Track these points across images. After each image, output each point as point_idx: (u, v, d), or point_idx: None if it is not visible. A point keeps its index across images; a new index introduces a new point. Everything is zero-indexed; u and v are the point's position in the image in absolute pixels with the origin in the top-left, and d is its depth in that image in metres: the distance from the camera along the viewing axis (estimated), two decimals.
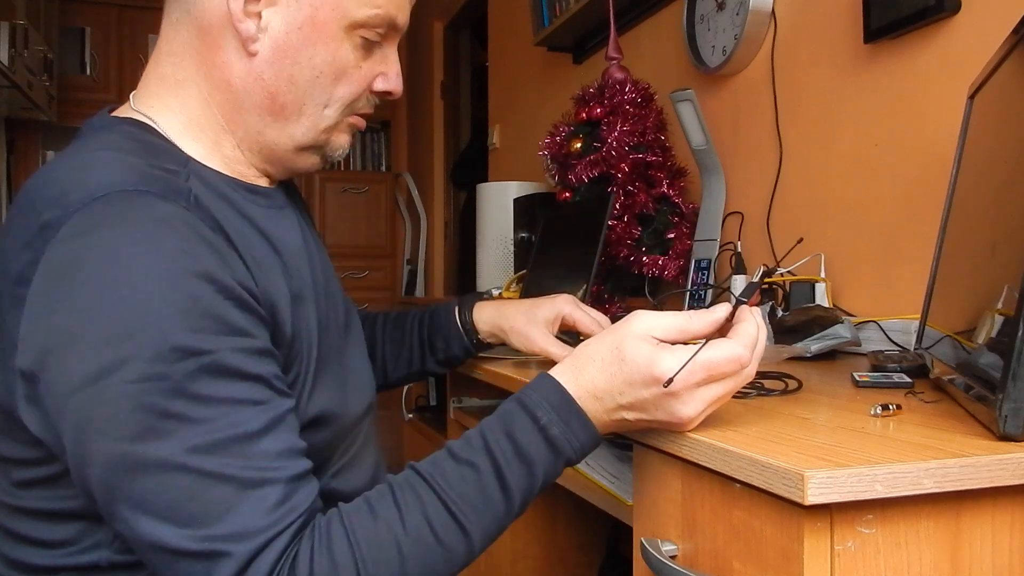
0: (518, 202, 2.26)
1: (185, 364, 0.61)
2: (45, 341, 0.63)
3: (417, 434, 2.49)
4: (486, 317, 1.14)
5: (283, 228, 0.83)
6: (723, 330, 0.68)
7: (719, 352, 0.64)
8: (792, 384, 0.88)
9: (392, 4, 0.81)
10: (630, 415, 0.67)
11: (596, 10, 2.17)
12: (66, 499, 0.69)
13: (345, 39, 0.80)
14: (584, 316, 1.09)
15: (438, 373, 1.23)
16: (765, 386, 0.87)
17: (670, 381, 0.63)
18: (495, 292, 2.04)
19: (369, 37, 0.81)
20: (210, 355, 0.62)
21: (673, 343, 0.67)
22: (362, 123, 0.87)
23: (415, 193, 4.52)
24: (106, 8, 4.16)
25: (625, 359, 0.66)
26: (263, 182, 0.86)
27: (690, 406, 0.65)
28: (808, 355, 1.15)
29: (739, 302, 0.69)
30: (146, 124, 0.79)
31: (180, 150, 0.78)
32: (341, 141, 0.85)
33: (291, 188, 0.96)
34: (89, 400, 0.61)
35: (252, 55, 0.78)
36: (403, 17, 0.83)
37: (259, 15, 0.77)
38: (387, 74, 0.84)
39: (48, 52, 3.45)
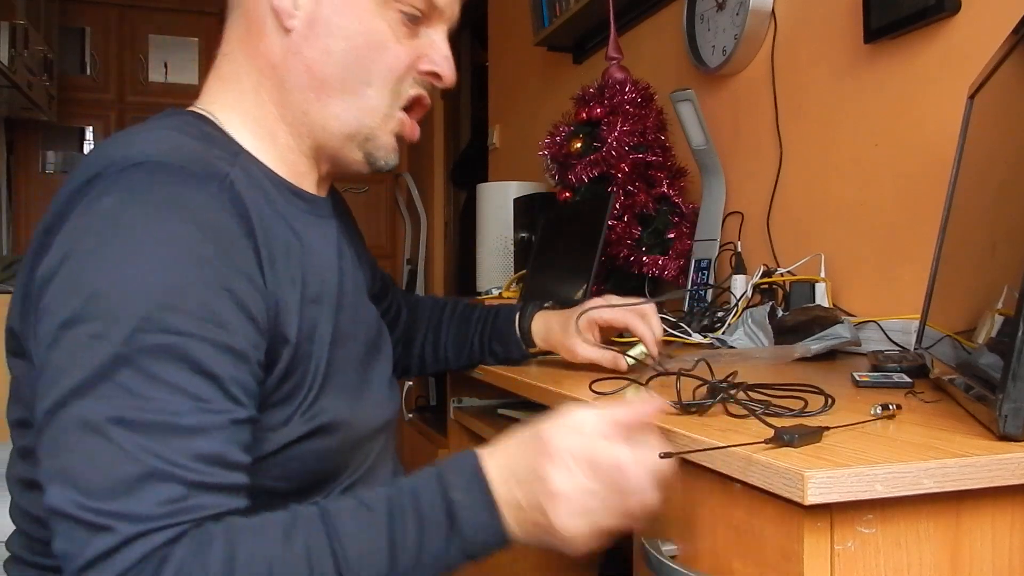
0: (518, 202, 2.26)
1: (149, 337, 0.61)
2: (42, 285, 0.66)
3: (417, 434, 2.49)
4: (539, 329, 1.19)
5: (317, 235, 0.83)
6: None
7: (611, 451, 0.63)
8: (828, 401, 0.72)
9: None
10: (520, 495, 0.64)
11: (596, 10, 2.17)
12: None
13: (380, 11, 0.81)
14: (611, 311, 1.11)
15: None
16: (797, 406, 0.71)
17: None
18: (546, 304, 2.02)
19: (406, 11, 0.82)
20: (177, 336, 0.62)
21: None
22: (413, 130, 0.87)
23: (415, 193, 4.52)
24: (106, 8, 4.16)
25: (540, 430, 0.64)
26: (312, 185, 0.86)
27: (564, 503, 0.62)
28: (808, 355, 1.15)
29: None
30: (207, 117, 0.81)
31: (235, 142, 0.80)
32: (386, 141, 0.85)
33: (340, 204, 0.97)
34: (55, 344, 0.63)
35: (289, 31, 0.80)
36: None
37: None
38: (432, 56, 0.85)
39: (48, 52, 3.45)
